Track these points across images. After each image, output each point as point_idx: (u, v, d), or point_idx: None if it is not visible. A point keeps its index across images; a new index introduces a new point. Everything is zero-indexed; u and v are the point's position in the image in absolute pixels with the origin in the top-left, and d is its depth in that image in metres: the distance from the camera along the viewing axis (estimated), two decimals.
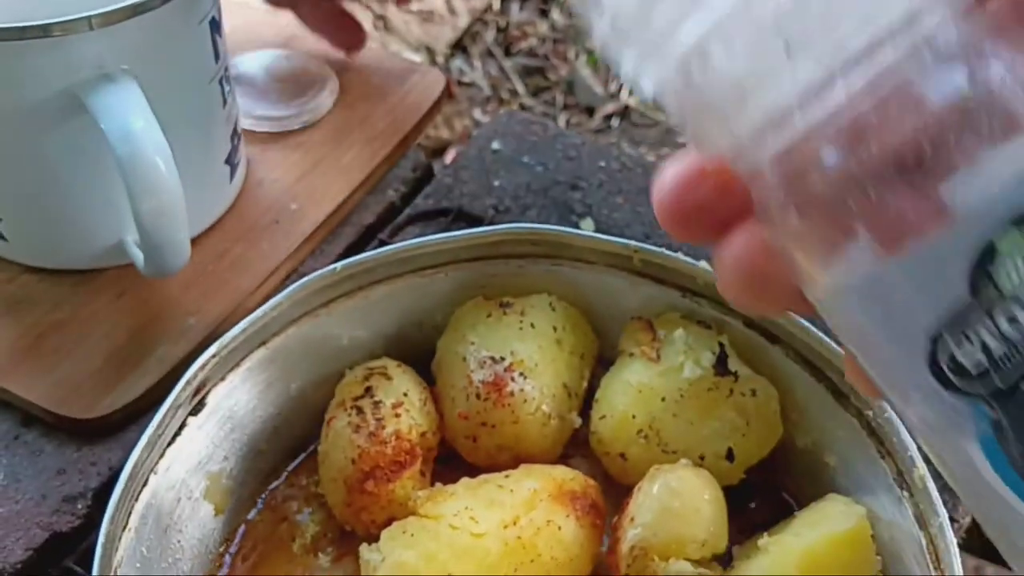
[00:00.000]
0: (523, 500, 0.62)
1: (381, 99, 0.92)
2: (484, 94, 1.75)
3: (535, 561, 0.60)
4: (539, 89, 1.77)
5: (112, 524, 0.57)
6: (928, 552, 0.58)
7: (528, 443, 0.67)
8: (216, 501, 0.65)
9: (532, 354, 0.68)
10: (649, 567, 0.60)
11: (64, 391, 0.71)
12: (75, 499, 0.68)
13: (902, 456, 0.60)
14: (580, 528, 0.62)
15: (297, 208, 0.83)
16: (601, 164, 0.90)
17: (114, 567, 0.57)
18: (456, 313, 0.71)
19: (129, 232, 0.74)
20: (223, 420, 0.65)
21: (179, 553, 0.63)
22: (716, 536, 0.61)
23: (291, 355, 0.68)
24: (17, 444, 0.71)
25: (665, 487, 0.61)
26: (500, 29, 1.83)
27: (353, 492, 0.64)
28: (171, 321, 0.75)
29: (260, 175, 0.85)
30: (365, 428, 0.64)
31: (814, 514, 0.61)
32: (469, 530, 0.60)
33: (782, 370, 0.66)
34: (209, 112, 0.76)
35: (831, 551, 0.58)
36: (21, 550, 0.66)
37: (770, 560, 0.59)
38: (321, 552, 0.66)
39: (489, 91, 1.75)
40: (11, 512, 0.67)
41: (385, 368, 0.68)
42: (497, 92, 1.75)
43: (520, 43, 1.82)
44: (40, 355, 0.73)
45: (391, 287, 0.70)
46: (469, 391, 0.67)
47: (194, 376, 0.63)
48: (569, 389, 0.69)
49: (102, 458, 0.70)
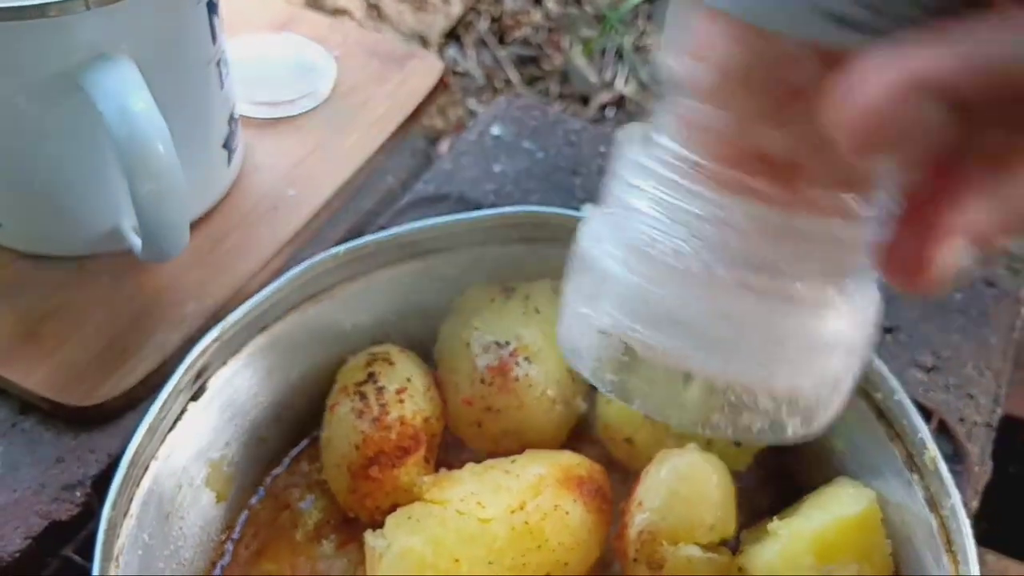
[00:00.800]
0: (529, 485, 0.61)
1: (379, 84, 0.91)
2: (478, 84, 1.74)
3: (542, 547, 0.59)
4: (533, 79, 1.76)
5: (114, 510, 0.56)
6: (939, 535, 0.57)
7: (533, 428, 0.66)
8: (217, 488, 0.64)
9: (536, 339, 0.67)
10: (657, 552, 0.59)
11: (62, 378, 0.70)
12: (74, 487, 0.67)
13: (912, 439, 0.59)
14: (587, 513, 0.61)
15: (296, 194, 0.82)
16: (602, 150, 0.89)
17: (115, 554, 0.56)
18: (459, 298, 0.70)
19: (126, 217, 0.73)
20: (224, 406, 0.64)
21: (181, 540, 0.62)
22: (725, 521, 0.60)
23: (292, 341, 0.67)
24: (14, 432, 0.70)
25: (673, 471, 0.60)
26: (494, 18, 1.82)
27: (357, 478, 0.63)
28: (169, 308, 0.74)
29: (258, 161, 0.85)
30: (368, 414, 0.64)
31: (823, 497, 0.61)
32: (476, 515, 0.59)
33: None
34: (206, 95, 0.75)
35: (842, 534, 0.58)
36: (20, 539, 0.65)
37: (780, 544, 0.58)
38: (324, 539, 0.65)
39: (483, 81, 1.74)
40: (9, 501, 0.66)
41: (388, 353, 0.67)
42: (491, 82, 1.74)
43: (514, 32, 1.81)
44: (37, 342, 0.72)
45: (393, 272, 0.69)
46: (474, 376, 0.66)
47: (195, 361, 0.62)
48: (574, 375, 0.68)
49: (100, 446, 0.69)
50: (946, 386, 0.76)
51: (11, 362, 0.71)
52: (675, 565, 0.59)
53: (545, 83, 1.74)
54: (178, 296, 0.75)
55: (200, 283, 0.76)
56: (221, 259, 0.78)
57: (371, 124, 0.88)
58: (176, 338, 0.73)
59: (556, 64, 1.77)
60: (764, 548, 0.59)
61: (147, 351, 0.72)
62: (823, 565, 0.57)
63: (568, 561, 0.60)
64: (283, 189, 0.82)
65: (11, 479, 0.67)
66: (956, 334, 0.79)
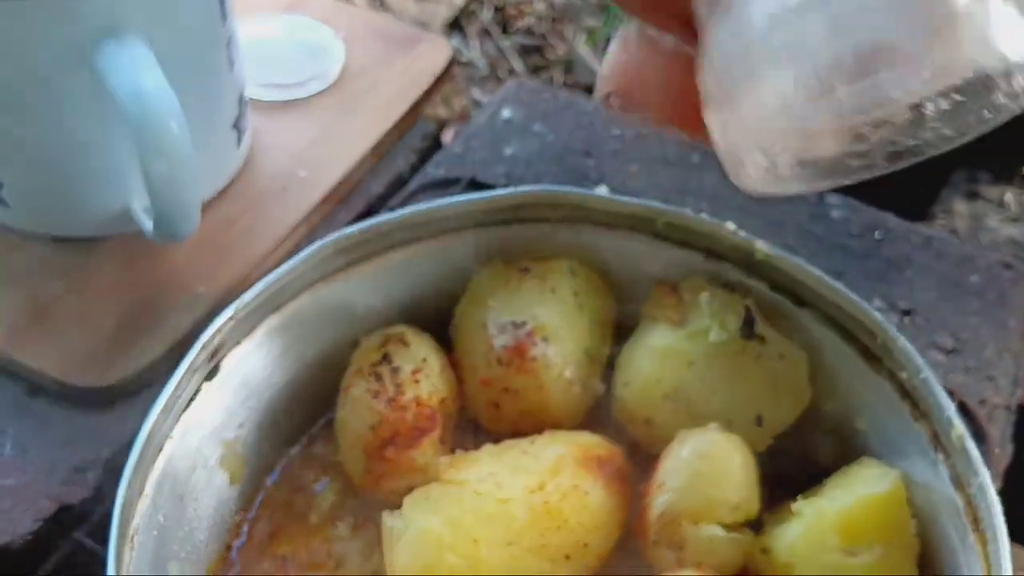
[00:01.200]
0: (549, 466, 0.60)
1: (388, 67, 0.90)
2: (482, 73, 1.73)
3: (562, 527, 0.58)
4: (537, 68, 1.76)
5: (129, 489, 0.55)
6: (965, 514, 0.57)
7: (551, 410, 0.65)
8: (232, 470, 0.63)
9: (553, 319, 0.66)
10: (679, 532, 0.58)
11: (73, 360, 0.69)
12: (84, 470, 0.66)
13: (938, 417, 0.59)
14: (607, 494, 0.60)
15: (306, 176, 0.82)
16: (615, 132, 0.88)
17: (131, 534, 0.55)
18: (475, 278, 0.69)
19: (136, 198, 0.72)
20: (238, 387, 0.64)
21: (195, 522, 0.61)
22: (748, 501, 0.59)
23: (306, 321, 0.66)
24: (23, 414, 0.69)
25: (695, 451, 0.60)
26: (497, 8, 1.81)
27: (373, 459, 0.62)
28: (180, 290, 0.73)
29: (266, 143, 0.84)
30: (384, 394, 0.63)
31: (848, 477, 0.60)
32: (494, 495, 0.58)
33: (810, 334, 0.65)
34: (216, 74, 0.75)
35: (867, 513, 0.57)
36: (29, 521, 0.64)
37: (804, 524, 0.58)
38: (339, 521, 0.64)
39: (487, 70, 1.73)
40: (19, 483, 0.65)
41: (402, 334, 0.66)
42: (495, 71, 1.73)
43: (517, 21, 1.80)
44: (47, 324, 0.71)
45: (408, 252, 0.68)
46: (490, 356, 0.65)
47: (210, 339, 0.61)
48: (591, 355, 0.67)
49: (111, 428, 0.68)
50: (966, 368, 0.75)
51: (21, 343, 0.70)
52: (697, 546, 0.58)
53: (549, 72, 1.74)
54: (189, 278, 0.74)
55: (211, 265, 0.75)
56: (232, 241, 0.77)
57: (380, 106, 0.87)
58: (187, 320, 0.72)
59: (560, 54, 1.77)
60: (788, 528, 0.58)
61: (158, 333, 0.71)
62: (848, 545, 0.56)
63: (588, 542, 0.59)
64: (293, 170, 0.82)
65: (20, 461, 0.66)
66: (974, 317, 0.78)
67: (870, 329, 0.62)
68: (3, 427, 0.68)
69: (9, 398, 0.70)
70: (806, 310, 0.65)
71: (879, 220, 0.84)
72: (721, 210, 0.68)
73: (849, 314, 0.63)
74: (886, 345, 0.61)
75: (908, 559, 0.57)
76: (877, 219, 0.84)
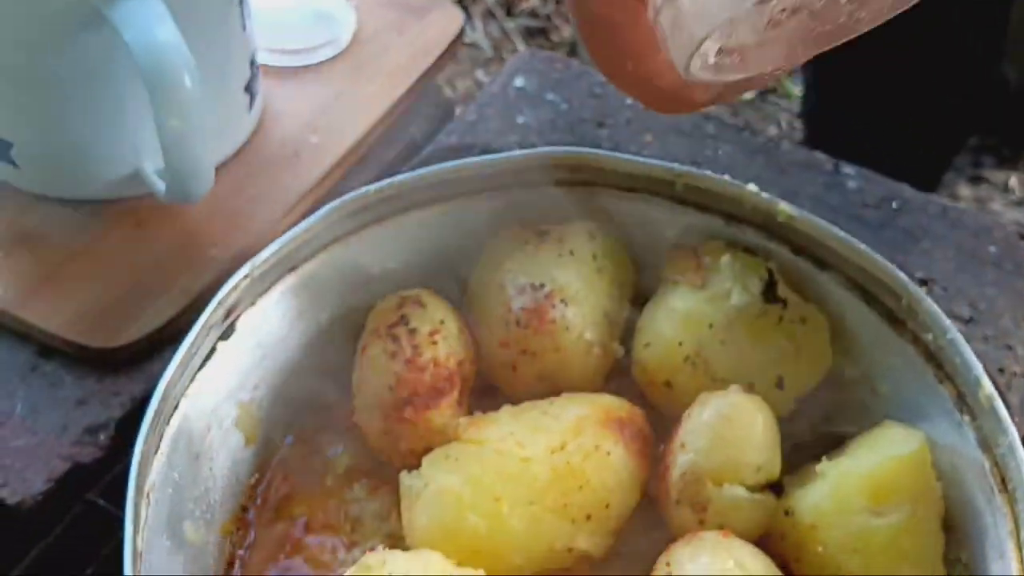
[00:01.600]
0: (570, 426, 0.59)
1: (399, 34, 0.89)
2: (486, 55, 1.72)
3: (584, 487, 0.58)
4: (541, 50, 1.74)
5: (145, 445, 0.54)
6: (992, 475, 0.56)
7: (570, 372, 0.64)
8: (247, 431, 0.63)
9: (572, 281, 0.65)
10: (702, 493, 0.57)
11: (85, 321, 0.68)
12: (97, 430, 0.66)
13: (965, 378, 0.58)
14: (629, 455, 0.60)
15: (318, 141, 0.81)
16: (628, 102, 0.88)
17: (146, 490, 0.54)
18: (492, 241, 0.68)
19: (148, 160, 0.72)
20: (254, 347, 0.63)
21: (210, 482, 0.60)
22: (771, 463, 0.59)
23: (322, 283, 0.65)
24: (35, 375, 0.68)
25: (717, 413, 0.59)
26: None
27: (390, 420, 0.61)
28: (192, 251, 0.73)
29: (278, 108, 0.83)
30: (401, 355, 0.62)
31: (872, 439, 0.59)
32: (516, 454, 0.57)
33: (832, 297, 0.64)
34: (229, 34, 0.74)
35: (894, 475, 0.56)
36: (42, 482, 0.63)
37: (829, 485, 0.57)
38: (355, 483, 0.63)
39: (491, 52, 1.73)
40: (30, 443, 0.65)
41: (419, 296, 0.65)
42: (499, 53, 1.72)
43: (522, 4, 1.79)
44: (59, 285, 0.70)
45: (424, 214, 0.68)
46: (508, 319, 0.64)
47: (226, 297, 0.60)
48: (610, 318, 0.66)
49: (124, 389, 0.67)
50: (984, 338, 0.75)
51: (32, 305, 0.69)
52: (720, 506, 0.57)
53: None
54: (201, 241, 0.73)
55: (222, 230, 0.75)
56: (243, 206, 0.76)
57: (392, 73, 0.86)
58: (200, 282, 0.71)
59: (564, 36, 1.76)
60: (812, 490, 0.58)
61: (171, 295, 0.70)
62: (876, 505, 0.56)
63: (610, 502, 0.58)
64: (305, 136, 0.81)
65: (31, 422, 0.66)
66: (991, 287, 0.78)
67: (895, 291, 0.61)
68: (14, 389, 0.68)
69: (20, 360, 0.69)
70: (828, 273, 0.64)
71: (895, 191, 0.83)
72: (736, 180, 0.67)
73: (874, 276, 0.62)
74: (911, 307, 0.61)
75: (934, 520, 0.57)
76: (893, 190, 0.83)
